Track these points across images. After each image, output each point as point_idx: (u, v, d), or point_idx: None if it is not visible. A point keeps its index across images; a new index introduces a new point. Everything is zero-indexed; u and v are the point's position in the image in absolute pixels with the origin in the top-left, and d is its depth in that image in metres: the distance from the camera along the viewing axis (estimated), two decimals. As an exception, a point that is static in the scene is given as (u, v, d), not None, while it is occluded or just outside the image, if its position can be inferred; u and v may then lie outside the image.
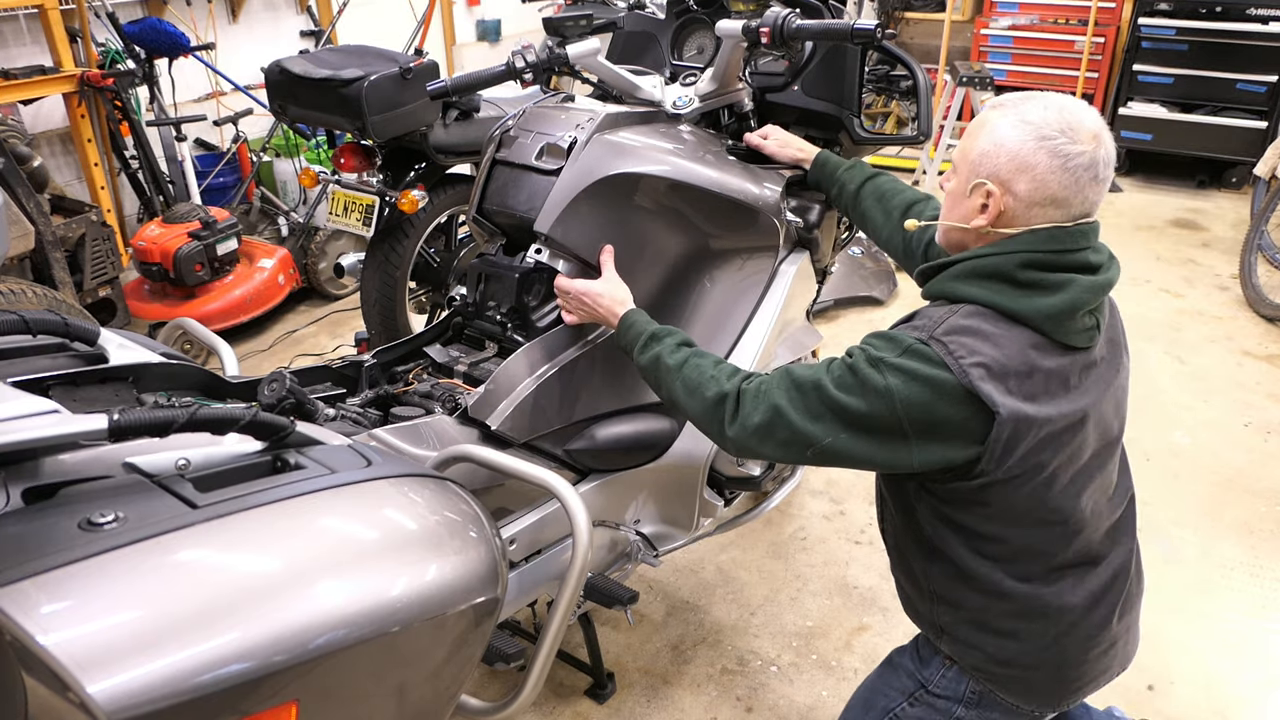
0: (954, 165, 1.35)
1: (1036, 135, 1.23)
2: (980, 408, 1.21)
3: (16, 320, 1.24)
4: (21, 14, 3.84)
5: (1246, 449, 3.17)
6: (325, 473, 1.03)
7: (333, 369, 1.83)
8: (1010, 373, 1.23)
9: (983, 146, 1.28)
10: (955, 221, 1.34)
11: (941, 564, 1.39)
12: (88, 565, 0.81)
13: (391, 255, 3.16)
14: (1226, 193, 5.81)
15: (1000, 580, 1.34)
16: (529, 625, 2.17)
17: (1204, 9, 5.50)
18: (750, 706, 2.16)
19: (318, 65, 3.00)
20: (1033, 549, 1.33)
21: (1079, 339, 1.28)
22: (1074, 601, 1.35)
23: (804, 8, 1.84)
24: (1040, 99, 1.27)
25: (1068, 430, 1.28)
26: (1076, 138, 1.22)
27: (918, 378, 1.22)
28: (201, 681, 0.78)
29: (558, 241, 1.71)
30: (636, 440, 1.83)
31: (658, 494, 1.95)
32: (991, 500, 1.29)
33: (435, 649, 1.00)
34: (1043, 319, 1.25)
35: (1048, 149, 1.22)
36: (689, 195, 1.80)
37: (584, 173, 1.72)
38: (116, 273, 3.64)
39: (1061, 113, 1.24)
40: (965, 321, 1.26)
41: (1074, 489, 1.31)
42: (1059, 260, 1.26)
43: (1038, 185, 1.24)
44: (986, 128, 1.28)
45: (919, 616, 1.51)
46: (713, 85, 1.93)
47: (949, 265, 1.33)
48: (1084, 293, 1.25)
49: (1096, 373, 1.32)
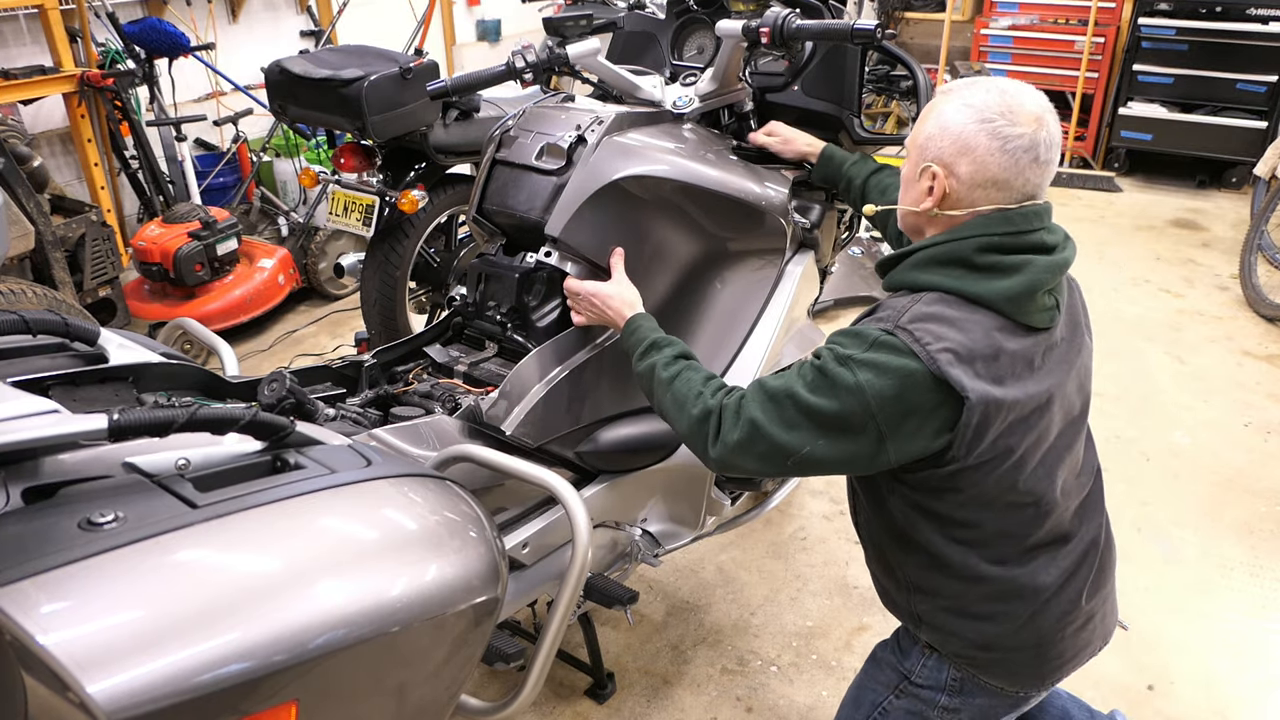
0: (906, 149, 1.38)
1: (978, 118, 1.25)
2: (949, 394, 1.23)
3: (16, 320, 1.24)
4: (21, 14, 3.84)
5: (1246, 449, 3.17)
6: (325, 473, 1.03)
7: (333, 369, 1.83)
8: (977, 356, 1.24)
9: (929, 130, 1.30)
10: (908, 205, 1.36)
11: (916, 553, 1.40)
12: (88, 565, 0.81)
13: (391, 255, 3.16)
14: (1226, 193, 5.81)
15: (975, 564, 1.35)
16: (529, 625, 2.17)
17: (1204, 9, 5.51)
18: (750, 706, 2.16)
19: (318, 65, 3.00)
20: (1006, 531, 1.35)
21: (1040, 319, 1.30)
22: (1048, 580, 1.37)
23: (804, 8, 1.84)
24: (984, 82, 1.29)
25: (1035, 412, 1.29)
26: (1016, 120, 1.24)
27: (888, 370, 1.23)
28: (201, 681, 0.78)
29: (567, 244, 1.70)
30: (646, 440, 1.83)
31: (666, 493, 1.95)
32: (963, 486, 1.30)
33: (435, 649, 1.00)
34: (1003, 301, 1.26)
35: (988, 131, 1.24)
36: (698, 197, 1.80)
37: (594, 176, 1.71)
38: (116, 273, 3.64)
39: (1003, 95, 1.26)
40: (929, 309, 1.27)
41: (1043, 469, 1.33)
42: (1014, 242, 1.27)
43: (978, 167, 1.26)
44: (934, 112, 1.31)
45: (897, 608, 1.52)
46: (713, 85, 1.93)
47: (906, 255, 1.35)
48: (1042, 273, 1.27)
49: (1059, 353, 1.34)
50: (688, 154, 1.83)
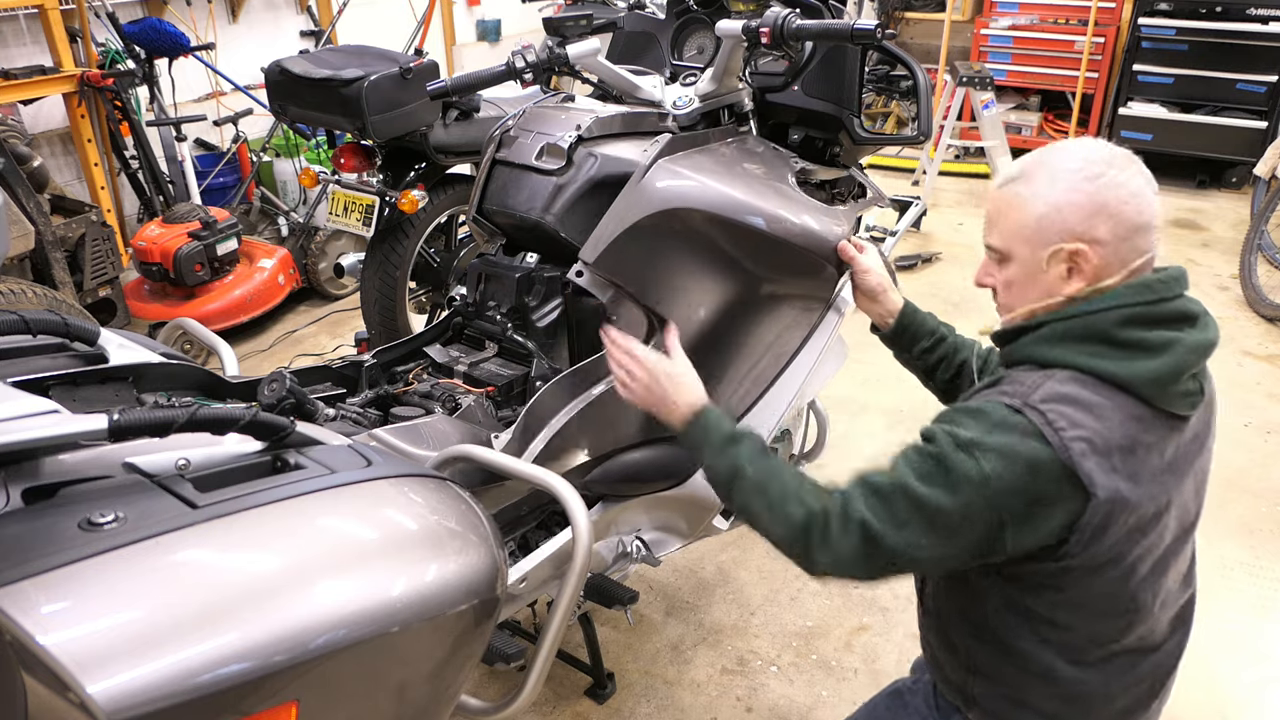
0: (998, 253, 1.26)
1: (1084, 178, 1.16)
2: (1077, 487, 1.11)
3: (16, 320, 1.24)
4: (21, 14, 3.84)
5: (1247, 449, 3.17)
6: (325, 473, 1.03)
7: (333, 369, 1.82)
8: (1113, 448, 1.12)
9: (1036, 217, 1.19)
10: (1040, 301, 1.22)
11: (990, 643, 1.28)
12: (88, 565, 0.81)
13: (391, 255, 3.17)
14: (1226, 193, 5.82)
15: (1052, 663, 1.24)
16: (529, 625, 2.17)
17: (1204, 9, 5.50)
18: (750, 706, 2.16)
19: (318, 65, 3.00)
20: (1095, 636, 1.24)
21: (1182, 405, 1.18)
22: (1120, 686, 1.27)
23: (804, 8, 1.83)
24: (1047, 155, 1.21)
25: (1155, 516, 1.19)
26: (1115, 163, 1.16)
27: (1016, 458, 1.10)
28: (201, 681, 0.78)
29: (601, 270, 1.64)
30: (652, 468, 1.80)
31: (666, 515, 1.94)
32: (1065, 586, 1.19)
33: (435, 649, 1.00)
34: (1146, 384, 1.14)
35: (1104, 183, 1.15)
36: (756, 240, 1.73)
37: (644, 201, 1.64)
38: (116, 273, 3.65)
39: (1085, 150, 1.18)
40: (1063, 389, 1.15)
41: (1151, 577, 1.22)
42: (1157, 312, 1.16)
43: (1118, 220, 1.15)
44: (1024, 201, 1.20)
45: (946, 681, 1.39)
46: (713, 85, 1.93)
47: (1034, 327, 1.22)
48: (1188, 354, 1.16)
49: (1187, 449, 1.22)
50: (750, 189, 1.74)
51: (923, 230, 5.11)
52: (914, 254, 4.73)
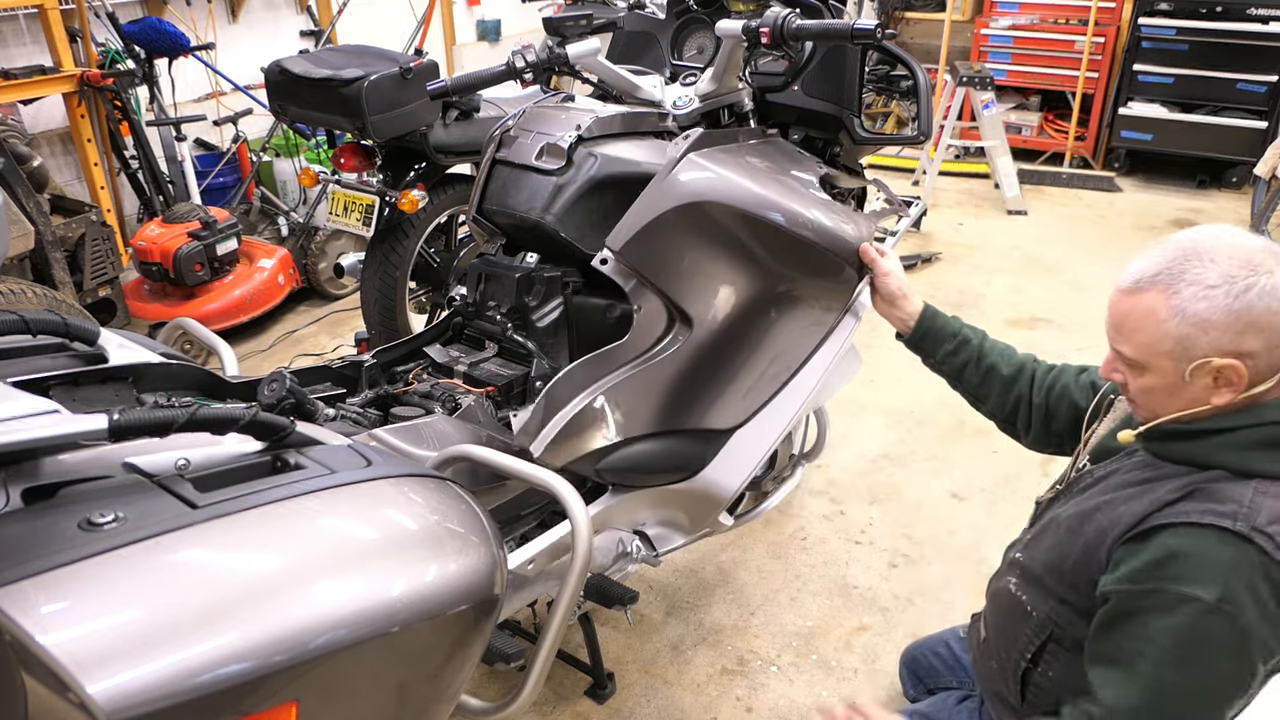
0: (1131, 363, 1.21)
1: (1229, 294, 1.10)
2: None
3: (16, 320, 1.23)
4: (21, 14, 3.84)
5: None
6: (325, 473, 1.03)
7: (333, 369, 1.82)
8: None
9: (1176, 338, 1.14)
10: (1185, 410, 1.18)
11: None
12: (88, 565, 0.81)
13: (391, 255, 3.17)
14: (1226, 193, 5.81)
15: None
16: (529, 625, 2.17)
17: (1204, 9, 5.51)
18: (750, 706, 2.16)
19: (318, 65, 3.00)
20: None
21: None
22: None
23: (804, 8, 1.83)
24: (1184, 260, 1.14)
25: None
26: (1258, 265, 1.11)
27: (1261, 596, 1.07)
28: (201, 681, 0.78)
29: (626, 259, 1.65)
30: (666, 459, 1.81)
31: (672, 509, 1.94)
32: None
33: (435, 649, 1.00)
34: None
35: (1252, 296, 1.10)
36: (782, 239, 1.74)
37: (673, 193, 1.66)
38: (116, 273, 3.65)
39: (1228, 253, 1.12)
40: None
41: None
42: None
43: (1270, 331, 1.11)
44: (1162, 318, 1.15)
45: None
46: (712, 85, 1.93)
47: (1221, 431, 1.17)
48: None
49: None
50: (777, 188, 1.75)
51: (923, 230, 5.11)
52: (914, 254, 4.73)
